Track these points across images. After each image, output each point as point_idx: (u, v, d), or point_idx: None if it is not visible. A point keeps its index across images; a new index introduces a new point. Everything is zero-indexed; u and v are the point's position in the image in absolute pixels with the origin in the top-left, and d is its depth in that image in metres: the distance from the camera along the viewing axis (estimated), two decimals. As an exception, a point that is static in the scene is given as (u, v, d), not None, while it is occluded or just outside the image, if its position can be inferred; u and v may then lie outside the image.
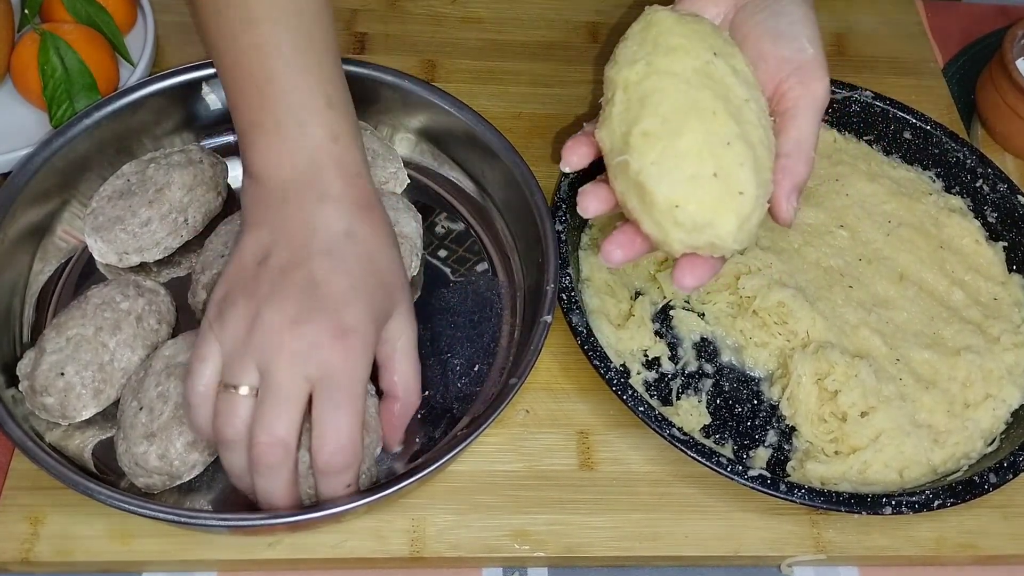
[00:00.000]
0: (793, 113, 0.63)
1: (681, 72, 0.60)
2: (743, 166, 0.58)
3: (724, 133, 0.58)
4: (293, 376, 0.57)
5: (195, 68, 0.81)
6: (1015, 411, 0.75)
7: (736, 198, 0.57)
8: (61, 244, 0.77)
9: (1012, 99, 0.92)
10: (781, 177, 0.61)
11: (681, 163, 0.58)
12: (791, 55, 0.64)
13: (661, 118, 0.59)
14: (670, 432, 0.68)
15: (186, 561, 0.66)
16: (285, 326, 0.57)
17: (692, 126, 0.58)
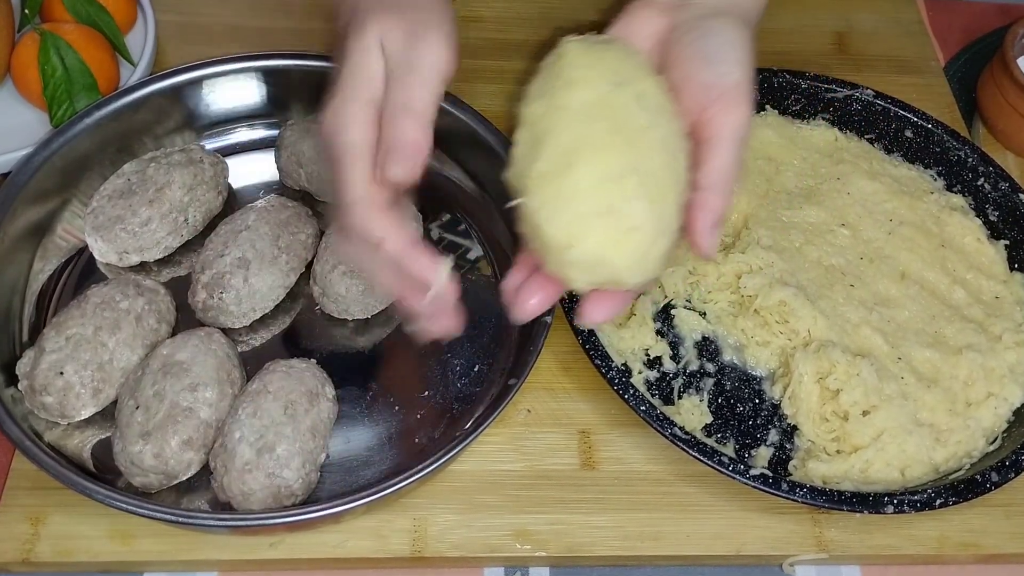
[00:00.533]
0: (714, 143, 0.59)
1: (578, 106, 0.57)
2: (636, 200, 0.55)
3: (616, 167, 0.55)
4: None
5: (195, 68, 0.81)
6: (1017, 409, 0.75)
7: (629, 233, 0.55)
8: (61, 243, 0.77)
9: (1013, 97, 0.92)
10: (698, 212, 0.58)
11: (571, 201, 0.56)
12: (714, 80, 0.60)
13: (554, 156, 0.57)
14: (672, 431, 0.68)
15: (186, 561, 0.66)
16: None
17: (583, 162, 0.55)
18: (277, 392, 0.66)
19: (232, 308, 0.73)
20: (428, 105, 0.59)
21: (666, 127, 0.58)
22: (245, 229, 0.74)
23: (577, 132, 0.57)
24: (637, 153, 0.56)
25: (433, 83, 0.59)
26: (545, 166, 0.57)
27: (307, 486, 0.66)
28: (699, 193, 0.58)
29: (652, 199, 0.55)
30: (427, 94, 0.59)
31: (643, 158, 0.56)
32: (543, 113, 0.59)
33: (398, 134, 0.57)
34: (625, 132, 0.56)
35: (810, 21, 1.04)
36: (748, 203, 0.83)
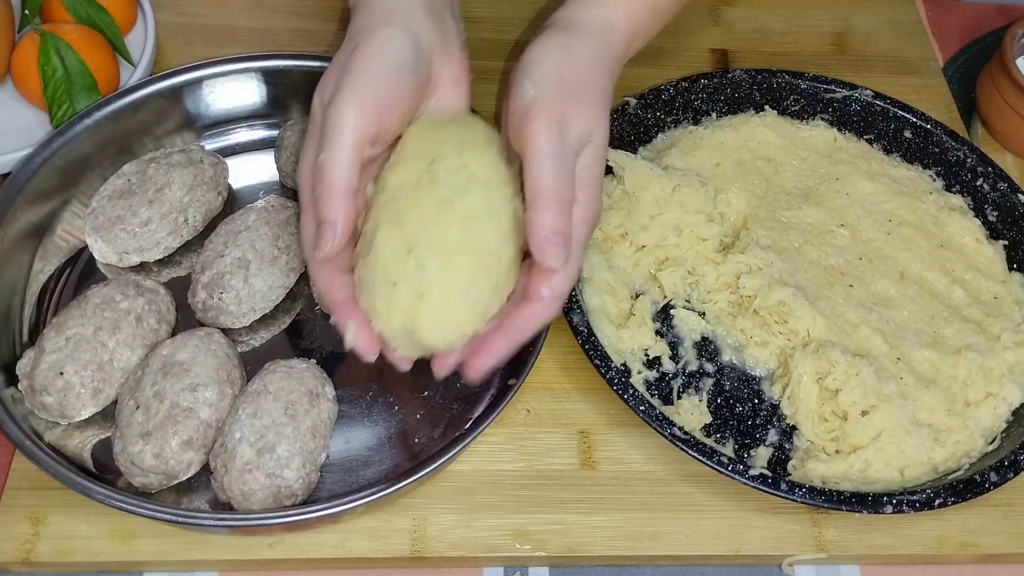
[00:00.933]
0: (525, 161, 0.61)
1: (393, 186, 0.62)
2: (424, 269, 0.59)
3: (404, 243, 0.59)
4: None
5: (195, 68, 0.81)
6: (1016, 410, 0.75)
7: (419, 301, 0.59)
8: (61, 243, 0.78)
9: (1012, 98, 0.92)
10: (529, 232, 0.59)
11: (371, 277, 0.60)
12: (516, 104, 0.62)
13: (365, 238, 0.62)
14: (671, 431, 0.68)
15: (186, 561, 0.66)
16: None
17: (377, 242, 0.60)
18: (277, 392, 0.66)
19: (232, 308, 0.73)
20: (340, 176, 0.60)
21: (477, 196, 0.61)
22: (245, 229, 0.74)
23: (382, 213, 0.61)
24: (427, 227, 0.60)
25: (345, 150, 0.60)
26: (360, 246, 0.62)
27: (307, 486, 0.66)
28: (526, 213, 0.60)
29: (443, 266, 0.59)
30: (339, 164, 0.60)
31: (435, 230, 0.60)
32: (372, 194, 0.64)
33: (319, 214, 0.61)
34: (422, 207, 0.60)
35: (809, 21, 1.04)
36: (747, 203, 0.83)
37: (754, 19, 1.03)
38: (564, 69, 0.63)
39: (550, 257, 0.58)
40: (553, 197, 0.59)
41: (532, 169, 0.60)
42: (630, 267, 0.80)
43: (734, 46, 1.01)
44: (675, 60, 0.97)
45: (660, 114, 0.88)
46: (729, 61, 0.99)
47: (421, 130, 0.64)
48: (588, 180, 0.62)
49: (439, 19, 0.67)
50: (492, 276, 0.60)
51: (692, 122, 0.89)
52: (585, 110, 0.62)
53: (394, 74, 0.62)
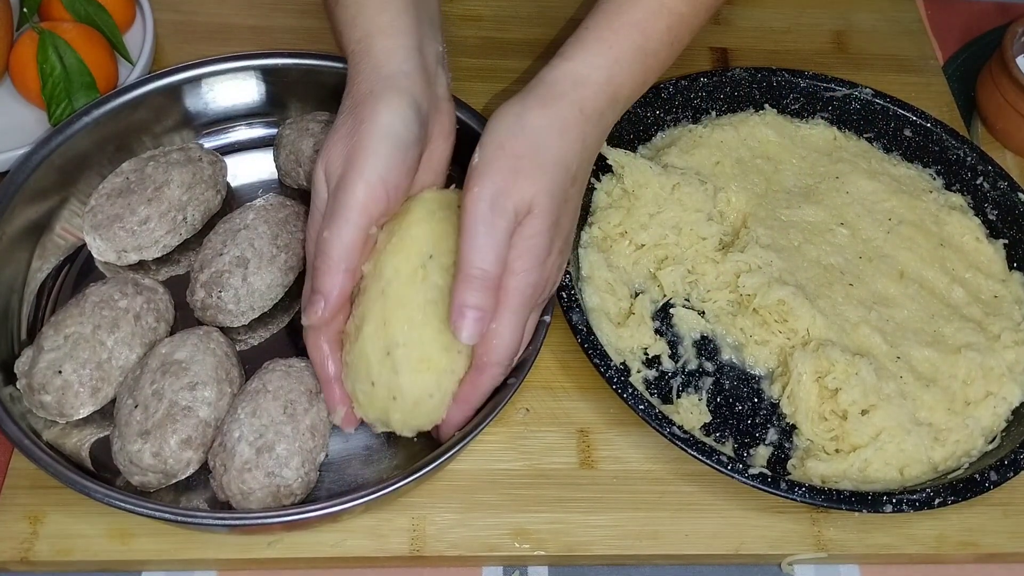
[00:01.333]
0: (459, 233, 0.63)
1: (389, 274, 0.65)
2: (397, 373, 0.64)
3: (387, 341, 0.64)
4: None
5: (194, 66, 0.81)
6: (1016, 409, 0.75)
7: (391, 403, 0.65)
8: (60, 242, 0.77)
9: (1012, 96, 0.92)
10: (451, 299, 0.62)
11: (356, 370, 0.66)
12: (468, 172, 0.64)
13: (354, 321, 0.66)
14: (670, 430, 0.68)
15: (185, 560, 0.66)
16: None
17: (364, 334, 0.65)
18: (276, 391, 0.66)
19: (231, 307, 0.73)
20: (341, 254, 0.63)
21: None
22: (244, 228, 0.74)
23: (372, 304, 0.65)
24: (412, 328, 0.64)
25: (351, 230, 0.63)
26: (349, 326, 0.67)
27: (306, 485, 0.66)
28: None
29: (414, 370, 0.64)
30: (342, 243, 0.63)
31: (418, 329, 0.64)
32: (368, 272, 0.67)
33: (314, 284, 0.64)
34: (411, 306, 0.64)
35: (809, 20, 1.04)
36: (747, 202, 0.83)
37: (754, 17, 1.03)
38: (511, 138, 0.64)
39: (457, 330, 0.62)
40: (470, 271, 0.61)
41: (460, 240, 0.62)
42: (629, 266, 0.80)
43: (734, 44, 1.01)
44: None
45: (659, 112, 0.88)
46: (729, 59, 0.99)
47: (425, 213, 0.67)
48: (526, 250, 0.62)
49: (432, 76, 0.69)
50: (459, 371, 0.66)
51: (692, 120, 0.89)
52: (525, 181, 0.62)
53: (401, 151, 0.64)
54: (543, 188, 0.63)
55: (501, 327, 0.63)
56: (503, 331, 0.63)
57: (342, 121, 0.65)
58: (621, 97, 0.69)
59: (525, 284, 0.63)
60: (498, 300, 0.62)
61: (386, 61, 0.66)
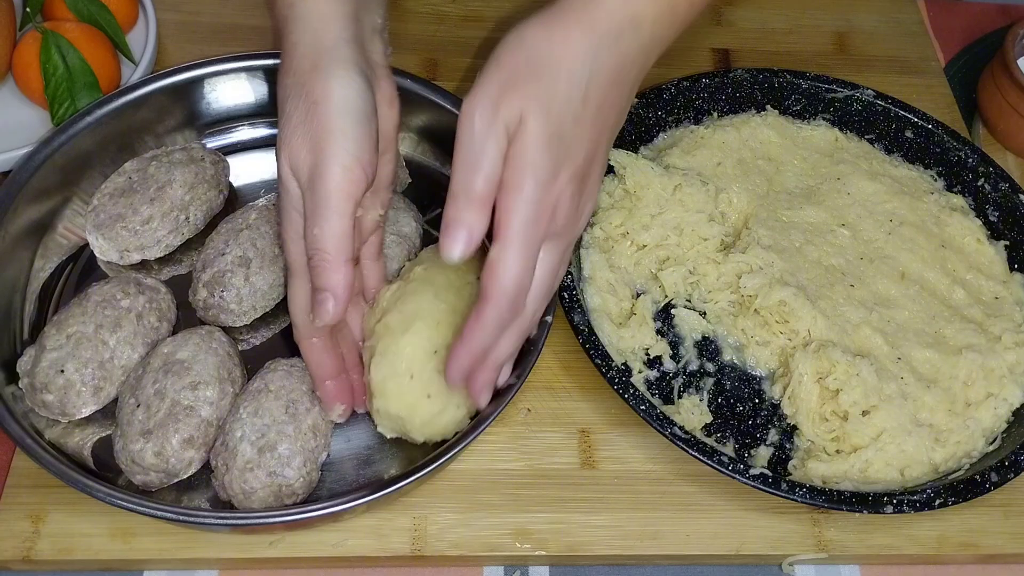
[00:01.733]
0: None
1: (441, 282, 0.68)
2: (440, 373, 0.64)
3: (434, 342, 0.66)
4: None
5: (196, 66, 0.81)
6: (1016, 410, 0.75)
7: (424, 400, 0.65)
8: (62, 241, 0.77)
9: (1013, 98, 0.92)
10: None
11: (393, 360, 0.66)
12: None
13: (402, 315, 0.67)
14: (671, 431, 0.68)
15: (187, 559, 0.66)
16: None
17: (413, 330, 0.66)
18: (278, 391, 0.66)
19: (233, 306, 0.73)
20: (339, 247, 0.61)
21: None
22: (246, 228, 0.74)
23: (426, 303, 0.67)
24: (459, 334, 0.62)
25: (341, 220, 0.61)
26: (393, 320, 0.67)
27: (308, 485, 0.66)
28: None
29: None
30: (335, 235, 0.60)
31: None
32: (418, 276, 0.69)
33: (317, 282, 0.62)
34: (461, 316, 0.66)
35: (810, 21, 1.04)
36: (748, 203, 0.83)
37: (756, 19, 1.03)
38: (507, 54, 0.60)
39: (445, 250, 0.58)
40: (454, 188, 0.58)
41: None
42: (631, 266, 0.80)
43: (736, 45, 1.01)
44: (676, 59, 0.97)
45: (661, 113, 0.88)
46: (731, 60, 0.99)
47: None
48: (519, 165, 0.57)
49: (367, 43, 0.66)
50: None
51: (693, 121, 0.89)
52: (514, 92, 0.58)
53: (364, 125, 0.61)
54: (534, 97, 0.58)
55: (503, 252, 0.58)
56: (506, 256, 0.58)
57: (292, 106, 0.62)
58: (644, 22, 0.62)
59: (522, 203, 0.57)
60: (498, 223, 0.58)
61: (324, 29, 0.63)
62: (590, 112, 0.60)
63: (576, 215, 0.62)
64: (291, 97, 0.62)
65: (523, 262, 0.58)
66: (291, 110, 0.62)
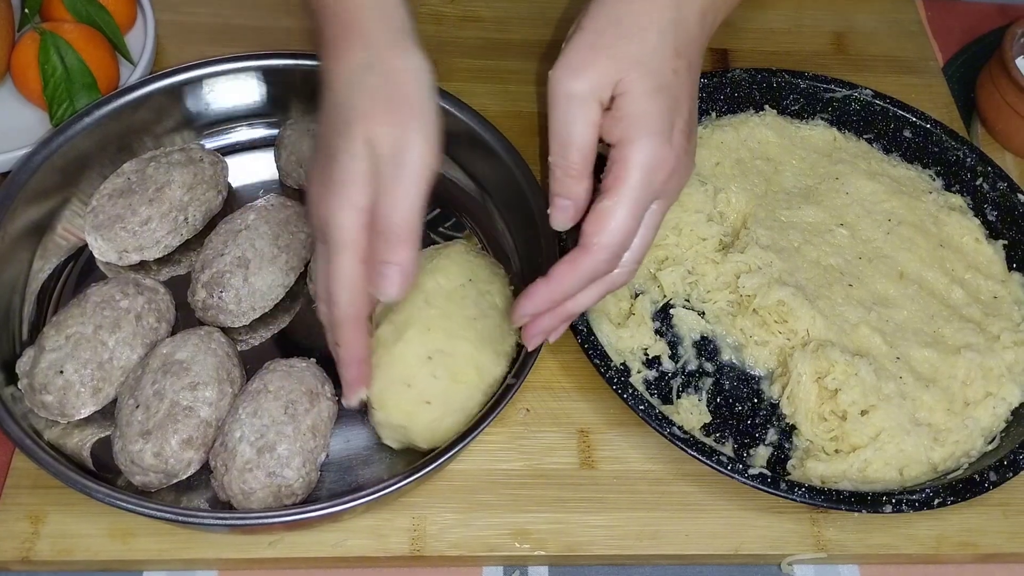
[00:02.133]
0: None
1: (431, 288, 0.69)
2: (436, 379, 0.66)
3: (430, 347, 0.66)
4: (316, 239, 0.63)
5: (195, 67, 0.81)
6: (1015, 409, 0.75)
7: (423, 407, 0.66)
8: (61, 242, 0.77)
9: (1012, 97, 0.92)
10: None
11: (388, 371, 0.66)
12: None
13: (393, 325, 0.67)
14: (670, 431, 0.68)
15: (186, 560, 0.66)
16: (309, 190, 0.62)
17: (406, 338, 0.66)
18: (277, 391, 0.66)
19: (232, 307, 0.73)
20: (413, 221, 0.59)
21: (494, 321, 0.69)
22: (245, 228, 0.74)
23: (415, 310, 0.67)
24: (453, 338, 0.67)
25: (420, 185, 0.59)
26: (384, 332, 0.67)
27: (307, 485, 0.66)
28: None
29: (452, 379, 0.66)
30: (413, 200, 0.59)
31: (458, 343, 0.67)
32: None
33: (386, 255, 0.59)
34: (454, 318, 0.68)
35: (809, 21, 1.04)
36: (747, 203, 0.83)
37: (754, 18, 1.03)
38: (590, 20, 0.60)
39: (552, 220, 0.60)
40: (551, 160, 0.59)
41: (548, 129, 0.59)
42: (630, 266, 0.80)
43: (734, 45, 1.01)
44: (675, 59, 0.97)
45: (660, 113, 0.87)
46: (729, 60, 0.99)
47: (461, 250, 0.73)
48: (631, 122, 0.58)
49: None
50: (483, 390, 0.68)
51: (692, 121, 0.89)
52: (604, 54, 0.58)
53: (433, 99, 0.61)
54: (628, 56, 0.58)
55: (616, 204, 0.58)
56: (617, 209, 0.58)
57: (368, 80, 0.60)
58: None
59: (640, 155, 0.58)
60: (614, 175, 0.58)
61: (394, 11, 0.62)
62: (683, 64, 0.61)
63: (684, 174, 0.62)
64: (364, 71, 0.60)
65: (632, 218, 0.59)
66: (367, 83, 0.60)
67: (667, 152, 0.59)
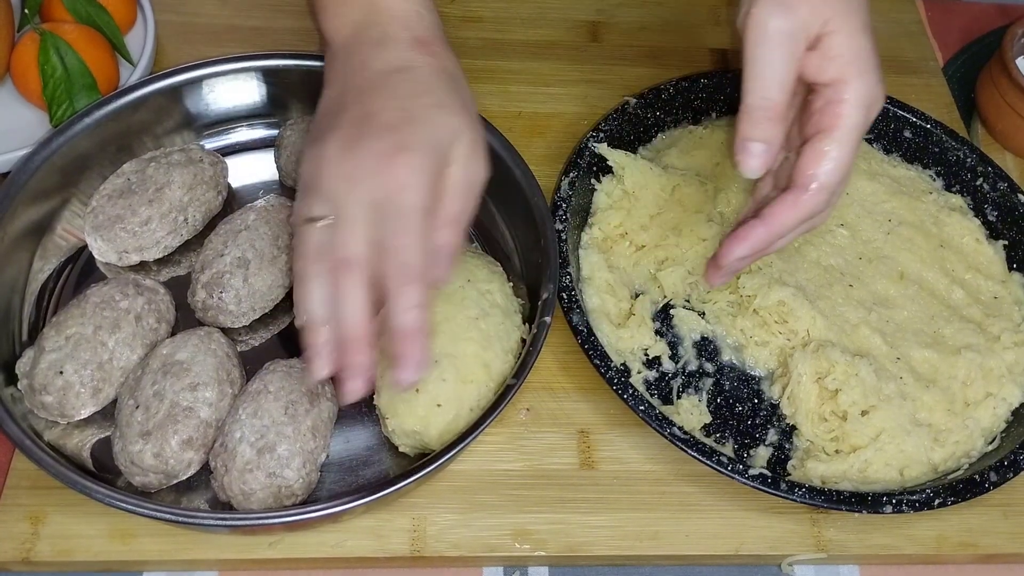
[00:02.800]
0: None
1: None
2: (444, 381, 0.66)
3: (436, 351, 0.67)
4: (354, 199, 0.57)
5: (195, 67, 0.81)
6: (1015, 409, 0.75)
7: (435, 410, 0.66)
8: (61, 243, 0.77)
9: (1012, 97, 0.92)
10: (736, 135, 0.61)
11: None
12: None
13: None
14: (671, 431, 0.68)
15: (186, 561, 0.66)
16: (340, 156, 0.58)
17: None
18: (277, 392, 0.66)
19: (232, 308, 0.73)
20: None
21: (496, 319, 0.70)
22: (245, 229, 0.74)
23: None
24: (457, 340, 0.68)
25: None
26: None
27: (307, 486, 0.66)
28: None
29: (461, 380, 0.67)
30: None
31: (463, 344, 0.68)
32: None
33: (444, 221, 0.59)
34: (456, 320, 0.68)
35: (809, 21, 1.04)
36: (747, 203, 0.83)
37: (754, 19, 1.03)
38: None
39: (740, 165, 0.60)
40: (751, 102, 0.59)
41: (743, 71, 0.59)
42: (630, 267, 0.80)
43: (734, 45, 1.01)
44: (675, 60, 0.97)
45: (660, 114, 0.88)
46: (729, 60, 0.99)
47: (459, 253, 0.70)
48: (845, 61, 0.59)
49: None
50: (493, 388, 0.68)
51: (692, 122, 0.89)
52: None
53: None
54: (838, 6, 0.59)
55: (839, 145, 0.60)
56: (841, 150, 0.60)
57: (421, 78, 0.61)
58: None
59: (857, 94, 0.59)
60: (832, 116, 0.59)
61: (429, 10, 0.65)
62: (868, 9, 0.62)
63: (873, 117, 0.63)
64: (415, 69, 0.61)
65: (851, 157, 0.61)
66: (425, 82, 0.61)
67: (880, 90, 0.60)
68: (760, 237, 0.62)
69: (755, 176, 0.60)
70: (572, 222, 0.78)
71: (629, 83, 0.93)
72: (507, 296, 0.73)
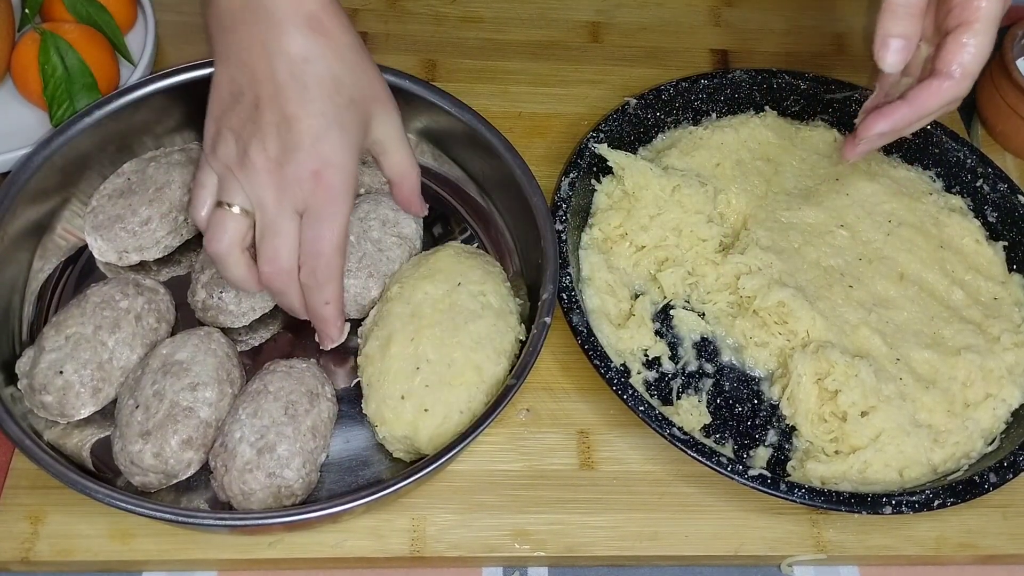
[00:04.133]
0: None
1: (419, 298, 0.70)
2: (428, 387, 0.67)
3: (419, 356, 0.67)
4: (282, 210, 0.62)
5: (195, 67, 0.81)
6: (1015, 411, 0.75)
7: (422, 415, 0.66)
8: (61, 242, 0.77)
9: (1012, 99, 0.92)
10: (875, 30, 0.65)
11: (380, 385, 0.68)
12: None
13: (378, 341, 0.69)
14: (670, 432, 0.68)
15: (186, 560, 0.66)
16: (270, 167, 0.61)
17: (391, 352, 0.68)
18: (277, 392, 0.66)
19: (231, 307, 0.73)
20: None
21: (488, 321, 0.70)
22: (245, 229, 0.74)
23: (400, 322, 0.69)
24: (442, 345, 0.68)
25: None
26: (370, 348, 0.69)
27: (307, 486, 0.66)
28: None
29: (447, 384, 0.67)
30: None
31: (448, 349, 0.68)
32: (394, 295, 0.71)
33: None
34: (442, 325, 0.68)
35: (810, 22, 1.04)
36: (747, 204, 0.83)
37: (754, 19, 1.03)
38: None
39: (880, 60, 0.64)
40: (894, 2, 0.63)
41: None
42: (630, 267, 0.80)
43: (734, 46, 1.01)
44: (675, 60, 0.97)
45: (660, 114, 0.88)
46: (729, 61, 0.99)
47: (452, 253, 0.73)
48: None
49: None
50: (485, 389, 0.68)
51: (692, 122, 0.89)
52: None
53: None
54: None
55: (980, 35, 0.64)
56: (982, 40, 0.64)
57: (343, 70, 0.63)
58: None
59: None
60: (972, 10, 0.64)
61: None
62: None
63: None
64: (317, 62, 0.62)
65: (991, 46, 0.65)
66: (333, 76, 0.63)
67: None
68: (904, 116, 0.66)
69: (893, 71, 0.65)
70: (572, 222, 0.78)
71: (629, 84, 0.93)
72: (502, 297, 0.73)
